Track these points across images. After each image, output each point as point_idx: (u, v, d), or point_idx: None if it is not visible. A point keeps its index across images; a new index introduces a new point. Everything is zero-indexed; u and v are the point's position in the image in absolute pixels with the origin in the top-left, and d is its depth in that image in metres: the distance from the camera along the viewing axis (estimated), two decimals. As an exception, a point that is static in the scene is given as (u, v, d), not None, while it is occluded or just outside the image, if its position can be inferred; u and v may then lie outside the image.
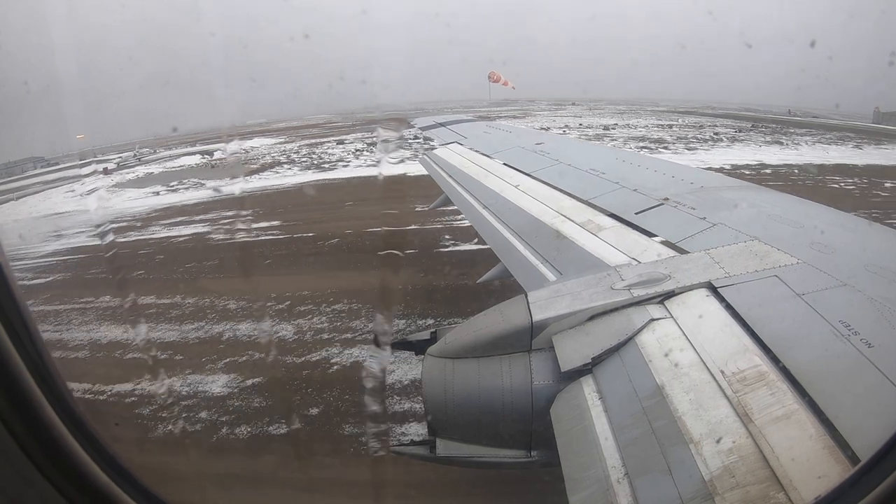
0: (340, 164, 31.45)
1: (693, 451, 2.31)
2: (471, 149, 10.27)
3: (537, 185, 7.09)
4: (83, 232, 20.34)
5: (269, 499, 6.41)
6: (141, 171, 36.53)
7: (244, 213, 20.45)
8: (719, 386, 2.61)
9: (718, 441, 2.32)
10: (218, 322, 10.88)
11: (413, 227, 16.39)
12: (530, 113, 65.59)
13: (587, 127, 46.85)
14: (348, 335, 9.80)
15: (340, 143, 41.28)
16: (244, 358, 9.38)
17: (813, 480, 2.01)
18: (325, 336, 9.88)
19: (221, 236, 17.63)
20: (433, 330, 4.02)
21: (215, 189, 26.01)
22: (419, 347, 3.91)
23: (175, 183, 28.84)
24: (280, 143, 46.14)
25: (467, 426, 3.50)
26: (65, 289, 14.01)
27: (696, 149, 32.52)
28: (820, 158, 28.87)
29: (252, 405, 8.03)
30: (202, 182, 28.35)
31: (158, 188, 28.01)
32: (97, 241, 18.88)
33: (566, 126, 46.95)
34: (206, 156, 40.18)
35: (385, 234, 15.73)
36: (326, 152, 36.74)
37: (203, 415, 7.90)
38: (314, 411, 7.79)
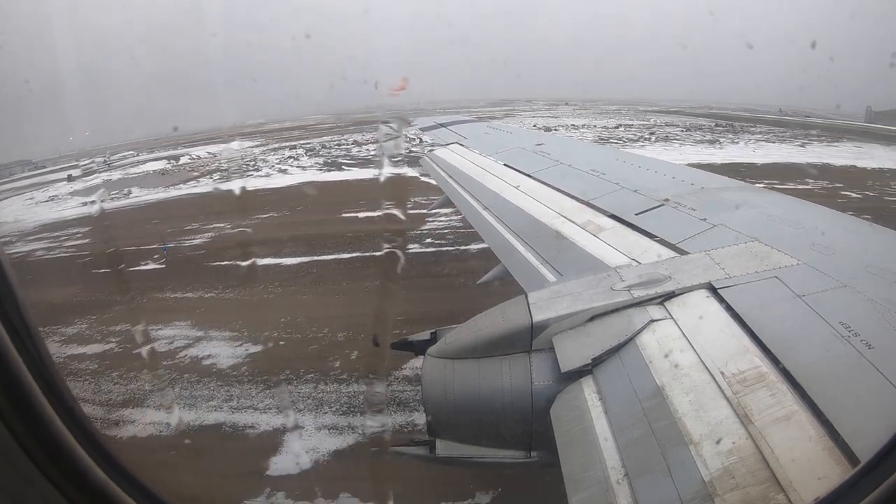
0: (248, 172, 33.00)
1: (693, 452, 2.31)
2: (471, 149, 10.27)
3: (538, 186, 7.08)
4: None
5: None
6: (102, 177, 37.35)
7: (82, 230, 21.61)
8: (719, 387, 2.60)
9: (718, 442, 2.32)
10: None
11: (129, 248, 17.63)
12: (513, 113, 66.28)
13: (542, 126, 47.47)
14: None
15: (293, 147, 42.68)
16: None
17: (813, 482, 2.01)
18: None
19: (40, 253, 18.82)
20: (433, 330, 4.02)
21: (125, 200, 27.62)
22: (419, 348, 3.91)
23: (116, 192, 29.82)
24: (252, 146, 47.06)
25: (467, 427, 3.50)
26: None
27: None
28: (726, 158, 28.88)
29: None
30: (130, 191, 29.48)
31: (95, 197, 28.95)
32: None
33: (521, 125, 47.49)
34: (171, 161, 40.97)
35: (113, 253, 17.06)
36: (265, 159, 37.95)
37: None
38: None
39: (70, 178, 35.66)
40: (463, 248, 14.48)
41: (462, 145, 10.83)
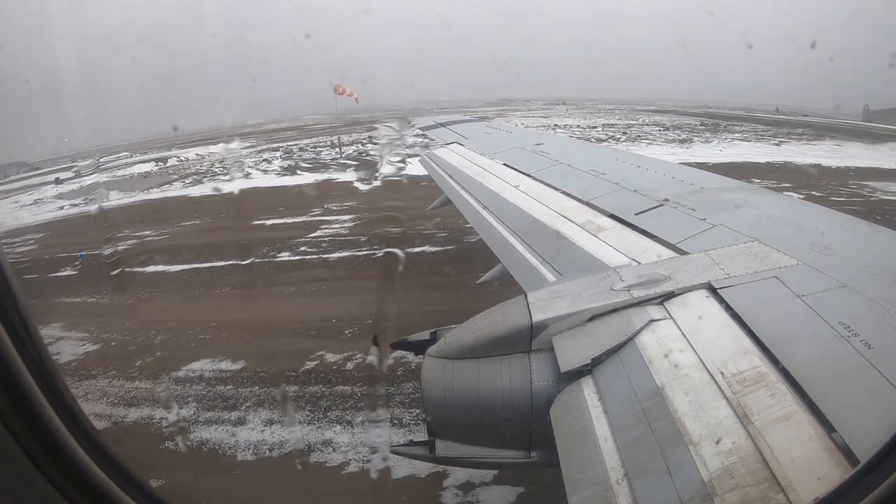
0: (217, 176, 33.40)
1: (693, 452, 2.31)
2: (471, 149, 10.27)
3: (537, 186, 7.08)
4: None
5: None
6: (89, 180, 37.04)
7: (37, 236, 21.89)
8: (719, 387, 2.60)
9: (718, 442, 2.32)
10: None
11: (62, 255, 18.01)
12: (505, 113, 66.23)
13: (525, 125, 47.30)
14: None
15: (275, 149, 42.77)
16: None
17: (812, 482, 2.01)
18: None
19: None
20: (433, 330, 4.02)
21: (98, 204, 27.98)
22: (419, 348, 3.91)
23: (94, 196, 30.01)
24: (241, 147, 46.76)
25: (467, 427, 3.50)
26: None
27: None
28: (685, 157, 28.22)
29: None
30: (108, 194, 29.73)
31: (72, 202, 29.00)
32: None
33: (509, 123, 47.39)
34: (158, 163, 40.98)
35: (47, 259, 17.70)
36: (243, 162, 37.94)
37: None
38: None
39: (57, 181, 35.33)
40: (325, 256, 15.12)
41: (461, 145, 10.83)
